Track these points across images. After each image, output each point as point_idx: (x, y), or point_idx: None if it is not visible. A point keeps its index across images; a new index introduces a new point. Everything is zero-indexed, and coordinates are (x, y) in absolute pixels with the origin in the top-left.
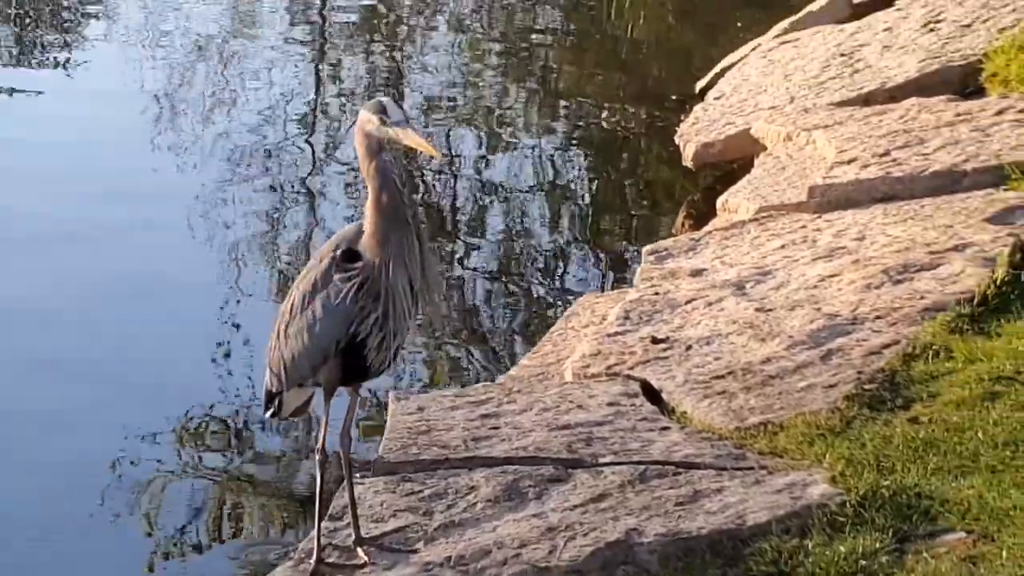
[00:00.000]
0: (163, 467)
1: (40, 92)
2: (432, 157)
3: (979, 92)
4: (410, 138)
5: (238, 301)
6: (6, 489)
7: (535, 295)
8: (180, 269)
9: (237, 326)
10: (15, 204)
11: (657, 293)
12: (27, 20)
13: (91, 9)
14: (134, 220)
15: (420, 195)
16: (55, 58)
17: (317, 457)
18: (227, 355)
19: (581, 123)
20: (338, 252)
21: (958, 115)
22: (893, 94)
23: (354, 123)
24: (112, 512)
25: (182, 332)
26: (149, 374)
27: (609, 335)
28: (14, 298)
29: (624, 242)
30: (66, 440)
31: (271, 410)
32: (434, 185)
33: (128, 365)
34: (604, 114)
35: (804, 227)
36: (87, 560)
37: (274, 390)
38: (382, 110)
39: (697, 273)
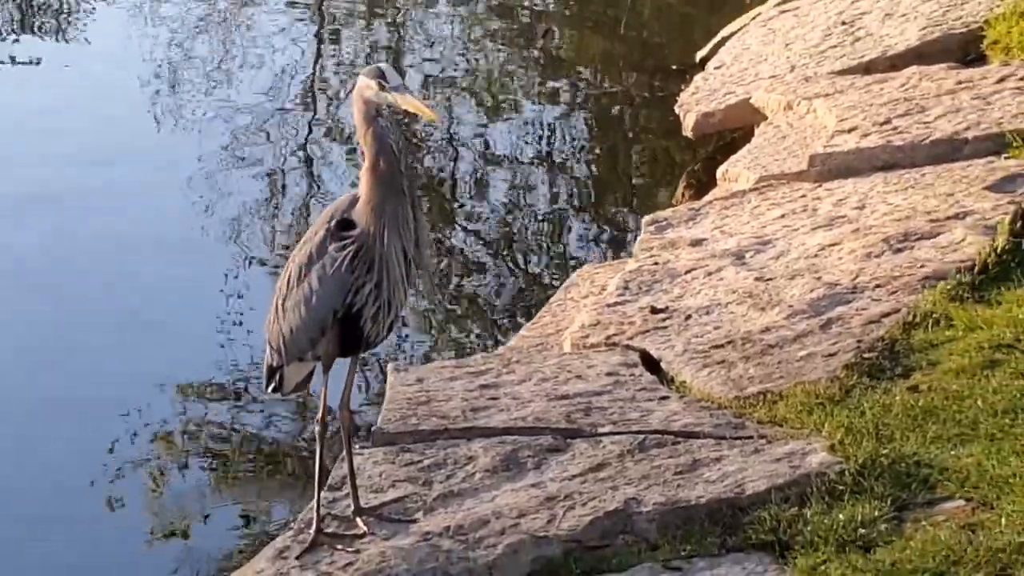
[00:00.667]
0: (162, 440)
1: (38, 62)
2: (431, 122)
3: (980, 59)
4: (408, 102)
5: (237, 273)
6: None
7: (534, 266)
8: (179, 238)
9: (238, 296)
10: (12, 168)
11: (657, 263)
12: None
13: None
14: (133, 188)
15: (419, 166)
16: (54, 27)
17: (317, 428)
18: (226, 326)
19: (581, 93)
20: (332, 223)
21: (959, 83)
22: (894, 62)
23: (352, 90)
24: (111, 484)
25: (181, 303)
26: (147, 344)
27: (608, 305)
28: (14, 261)
29: (624, 212)
30: (65, 414)
31: (272, 384)
32: (433, 155)
33: (125, 336)
34: (604, 84)
35: (804, 196)
36: (87, 530)
37: (274, 365)
38: (380, 75)
39: (697, 243)
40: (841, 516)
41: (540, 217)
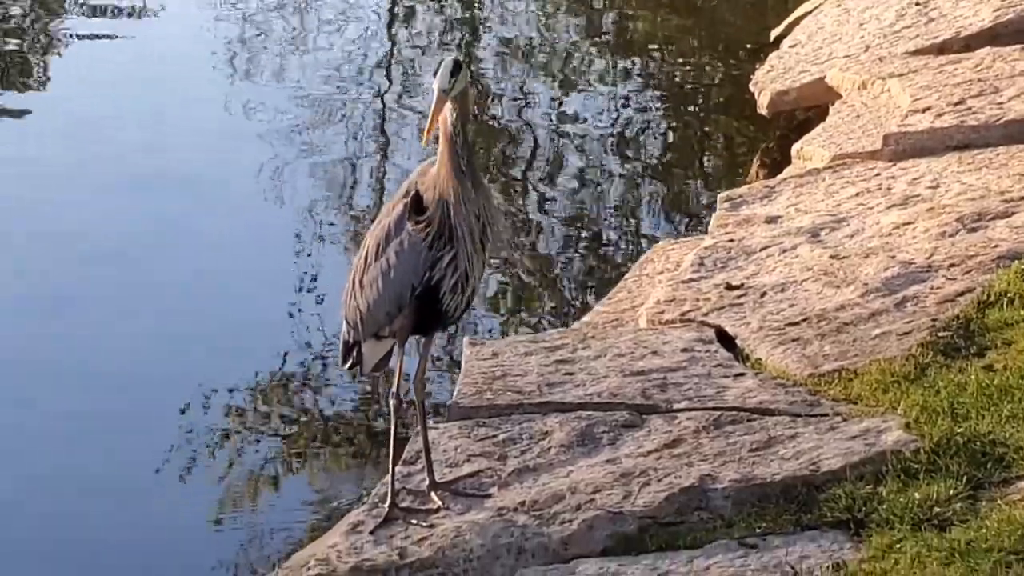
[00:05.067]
0: (237, 415)
1: (112, 38)
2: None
3: None
4: (432, 107)
5: (310, 253)
6: (74, 438)
7: (610, 242)
8: (252, 220)
9: (313, 276)
10: (86, 150)
11: (732, 240)
12: None
13: None
14: (207, 169)
15: (493, 143)
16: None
17: (392, 402)
18: (300, 305)
19: (655, 71)
20: (410, 197)
21: None
22: (968, 43)
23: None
24: (184, 458)
25: (255, 282)
26: (221, 324)
27: (684, 282)
28: (90, 244)
29: (698, 189)
30: (138, 390)
31: (349, 362)
32: (507, 132)
33: (201, 315)
34: (678, 62)
35: (879, 175)
36: (159, 505)
37: (351, 341)
38: (436, 70)
39: (772, 220)
40: (916, 495)
41: (615, 194)
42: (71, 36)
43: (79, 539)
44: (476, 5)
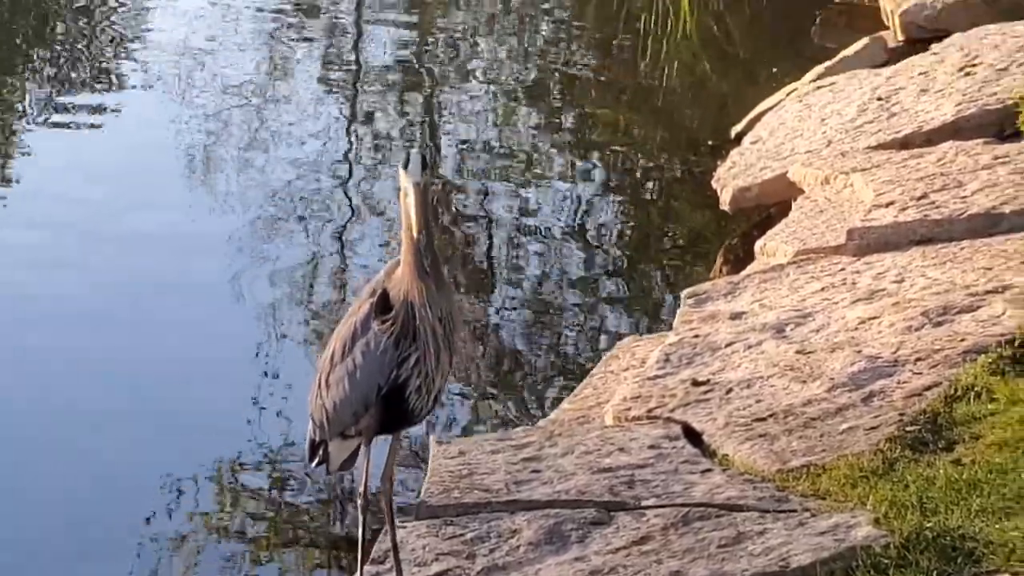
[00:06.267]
0: (201, 514)
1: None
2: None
3: (1016, 135)
4: (408, 204)
5: (268, 352)
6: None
7: (574, 340)
8: (214, 314)
9: (275, 375)
10: (47, 250)
11: (697, 336)
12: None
13: (123, 57)
14: (168, 267)
15: (456, 241)
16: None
17: (359, 502)
18: (264, 402)
19: (616, 168)
20: (376, 297)
21: (996, 158)
22: (930, 137)
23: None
24: (149, 557)
25: (217, 379)
26: (183, 421)
27: (649, 378)
28: (53, 348)
29: (662, 286)
30: (100, 487)
31: (316, 459)
32: (468, 230)
33: (162, 413)
34: (639, 159)
35: (843, 270)
36: None
37: (317, 440)
38: (406, 160)
39: (736, 316)
40: None
41: (578, 292)
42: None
43: None
44: (436, 106)
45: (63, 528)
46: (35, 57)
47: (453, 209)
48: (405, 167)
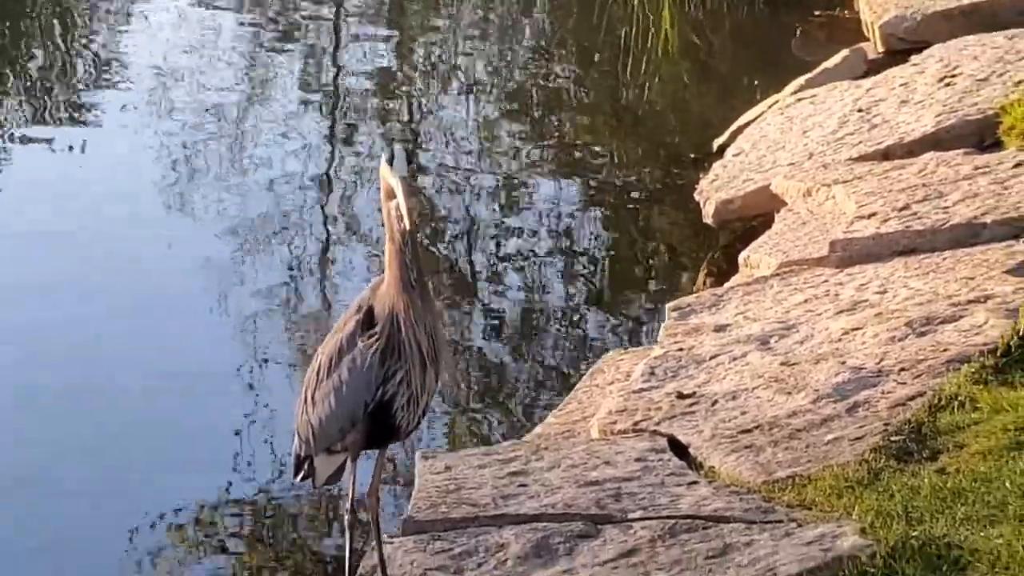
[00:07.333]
0: (185, 531)
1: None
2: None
3: (996, 145)
4: (390, 204)
5: (252, 368)
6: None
7: (559, 354)
8: (197, 332)
9: (259, 390)
10: (20, 273)
11: (681, 349)
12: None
13: (99, 76)
14: (147, 288)
15: (438, 257)
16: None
17: (346, 518)
18: (249, 418)
19: (599, 181)
20: (361, 313)
21: (976, 168)
22: (911, 148)
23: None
24: (131, 575)
25: (202, 395)
26: (166, 437)
27: (635, 391)
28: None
29: (646, 299)
30: (85, 512)
31: (302, 474)
32: (450, 246)
33: (145, 430)
34: (622, 172)
35: (826, 281)
36: None
37: (303, 454)
38: (390, 157)
39: (721, 328)
40: None
41: (563, 306)
42: None
43: None
44: (416, 123)
45: (47, 546)
46: (9, 76)
47: (434, 225)
48: (390, 163)
